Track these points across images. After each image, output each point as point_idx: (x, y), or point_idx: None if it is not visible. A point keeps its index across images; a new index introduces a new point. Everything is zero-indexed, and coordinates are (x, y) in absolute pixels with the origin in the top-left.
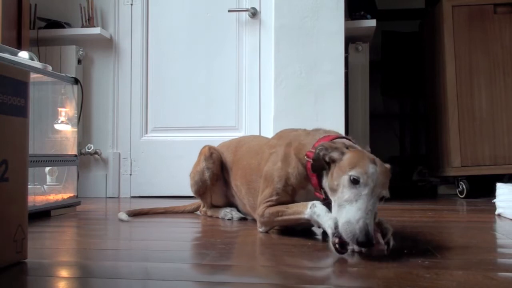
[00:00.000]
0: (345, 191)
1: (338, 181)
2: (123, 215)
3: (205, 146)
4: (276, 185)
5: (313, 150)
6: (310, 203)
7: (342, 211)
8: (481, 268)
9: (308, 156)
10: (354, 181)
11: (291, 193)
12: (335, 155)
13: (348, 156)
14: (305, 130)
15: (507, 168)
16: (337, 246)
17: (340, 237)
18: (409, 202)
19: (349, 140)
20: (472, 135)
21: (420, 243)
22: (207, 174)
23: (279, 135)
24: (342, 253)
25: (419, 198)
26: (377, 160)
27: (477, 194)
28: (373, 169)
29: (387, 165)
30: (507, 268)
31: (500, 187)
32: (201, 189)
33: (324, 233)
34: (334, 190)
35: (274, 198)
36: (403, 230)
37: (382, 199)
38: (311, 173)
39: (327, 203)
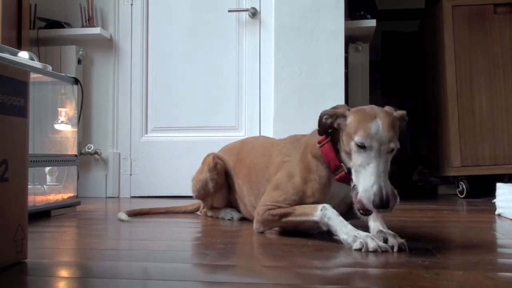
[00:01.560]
0: (355, 156)
1: (348, 147)
2: (123, 215)
3: (209, 155)
4: (291, 196)
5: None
6: (320, 206)
7: (358, 177)
8: (481, 268)
9: (319, 142)
10: (361, 146)
11: (310, 203)
12: (340, 121)
13: (350, 120)
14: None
15: (507, 168)
16: (361, 211)
17: (362, 203)
18: (409, 202)
19: None
20: (472, 135)
21: (420, 243)
22: (211, 185)
23: (291, 142)
24: (367, 215)
25: (419, 198)
26: (383, 113)
27: (477, 194)
28: (375, 128)
29: (396, 113)
30: (507, 268)
31: (500, 187)
32: (202, 196)
33: (327, 233)
34: (348, 155)
35: (282, 204)
36: (403, 230)
37: (392, 151)
38: (328, 155)
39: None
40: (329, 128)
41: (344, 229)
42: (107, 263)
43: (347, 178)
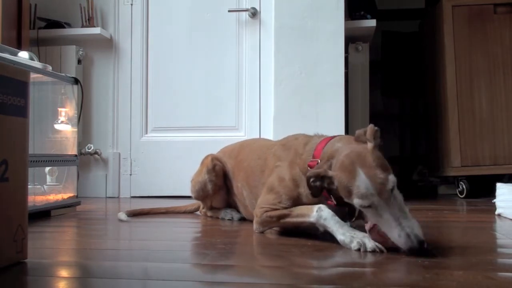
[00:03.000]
0: (366, 213)
1: (352, 201)
2: (122, 215)
3: (207, 157)
4: (284, 201)
5: (314, 160)
6: (316, 207)
7: (383, 227)
8: (481, 268)
9: (310, 167)
10: (365, 207)
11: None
12: (328, 183)
13: (337, 183)
14: (305, 137)
15: (507, 168)
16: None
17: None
18: (409, 202)
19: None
20: (472, 135)
21: None
22: (209, 186)
23: (283, 145)
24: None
25: (419, 198)
26: (360, 158)
27: (477, 194)
28: (362, 184)
29: (369, 141)
30: (507, 268)
31: (500, 187)
32: (201, 197)
33: (324, 234)
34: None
35: (277, 206)
36: None
37: (393, 189)
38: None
39: (339, 210)
40: (322, 190)
41: (340, 230)
42: (107, 263)
43: (339, 207)
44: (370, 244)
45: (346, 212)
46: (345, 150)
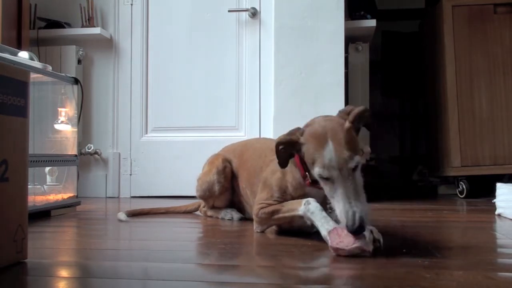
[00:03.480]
0: (323, 185)
1: (313, 175)
2: (122, 215)
3: (218, 157)
4: (274, 193)
5: None
6: (304, 200)
7: (333, 204)
8: (481, 268)
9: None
10: (323, 178)
11: (289, 199)
12: (297, 149)
13: (305, 149)
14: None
15: (507, 168)
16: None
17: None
18: (409, 202)
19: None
20: (472, 135)
21: (420, 243)
22: (216, 187)
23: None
24: (360, 238)
25: (419, 198)
26: (333, 130)
27: (477, 194)
28: (329, 156)
29: (349, 119)
30: (507, 268)
31: (500, 187)
32: (206, 196)
33: (315, 235)
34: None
35: (270, 202)
36: (403, 230)
37: (355, 168)
38: (298, 166)
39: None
40: (289, 158)
41: (325, 225)
42: (107, 263)
43: (314, 185)
44: None
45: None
46: (322, 121)
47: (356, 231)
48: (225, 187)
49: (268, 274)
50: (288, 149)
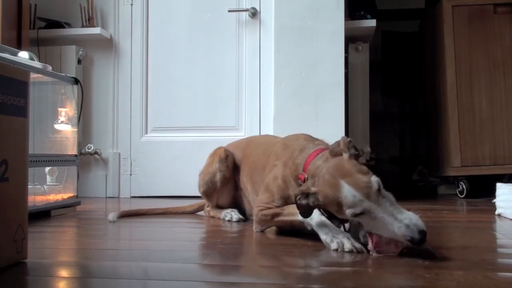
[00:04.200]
0: (364, 225)
1: (345, 213)
2: (111, 216)
3: (220, 148)
4: (276, 200)
5: (304, 173)
6: None
7: (384, 229)
8: (481, 268)
9: (300, 179)
10: (358, 216)
11: (291, 203)
12: (313, 200)
13: (322, 198)
14: (304, 140)
15: (507, 168)
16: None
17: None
18: (409, 202)
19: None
20: (472, 135)
21: None
22: (218, 177)
23: (283, 145)
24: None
25: (419, 198)
26: (338, 168)
27: (477, 194)
28: (349, 193)
29: (345, 151)
30: (507, 268)
31: (500, 187)
32: (210, 190)
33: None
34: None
35: (271, 205)
36: None
37: (380, 188)
38: None
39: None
40: (312, 209)
41: (325, 229)
42: (107, 263)
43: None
44: (347, 245)
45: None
46: (324, 166)
47: (420, 241)
48: (227, 178)
49: (269, 274)
50: (306, 200)
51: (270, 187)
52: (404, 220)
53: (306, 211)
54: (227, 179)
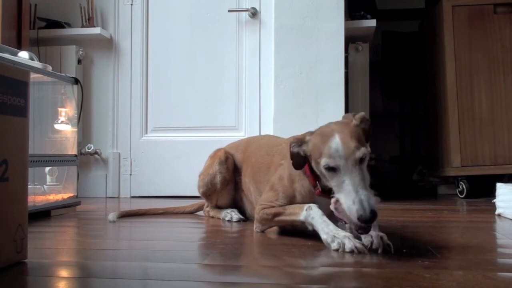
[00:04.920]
0: (329, 179)
1: (319, 171)
2: (111, 216)
3: (220, 149)
4: (280, 199)
5: None
6: (306, 206)
7: (340, 197)
8: (481, 268)
9: (306, 172)
10: (329, 169)
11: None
12: (305, 148)
13: (311, 146)
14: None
15: (507, 168)
16: (358, 231)
17: (355, 224)
18: (409, 202)
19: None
20: (472, 135)
21: (420, 243)
22: (218, 179)
23: (288, 144)
24: (365, 232)
25: (419, 198)
26: (339, 126)
27: (477, 194)
28: (334, 146)
29: (355, 119)
30: (507, 268)
31: (500, 187)
32: (209, 191)
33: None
34: (324, 177)
35: (274, 204)
36: (403, 230)
37: (362, 160)
38: (307, 174)
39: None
40: (302, 158)
41: (325, 229)
42: (107, 263)
43: (324, 195)
44: (349, 245)
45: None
46: (329, 123)
47: (368, 220)
48: (227, 179)
49: (270, 274)
50: (297, 148)
51: (275, 186)
52: (361, 195)
53: (297, 161)
54: (227, 181)
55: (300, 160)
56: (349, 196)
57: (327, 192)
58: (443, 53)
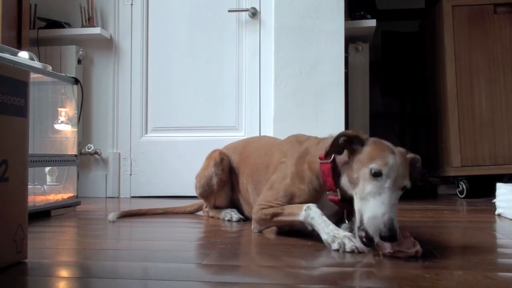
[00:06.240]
0: (366, 184)
1: (358, 174)
2: (111, 216)
3: (215, 151)
4: (280, 198)
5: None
6: (305, 206)
7: (366, 205)
8: (481, 268)
9: (321, 158)
10: (376, 174)
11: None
12: (356, 145)
13: (368, 148)
14: (316, 138)
15: (507, 168)
16: (364, 240)
17: (366, 231)
18: (409, 202)
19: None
20: (472, 135)
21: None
22: (214, 180)
23: (292, 142)
24: (369, 246)
25: (419, 198)
26: (398, 150)
27: (477, 194)
28: (393, 160)
29: (410, 155)
30: (507, 268)
31: (500, 187)
32: (206, 193)
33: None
34: (354, 184)
35: (273, 203)
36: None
37: (403, 188)
38: (326, 175)
39: (336, 212)
40: (342, 150)
41: (325, 229)
42: (107, 263)
43: (339, 203)
44: (349, 244)
45: (344, 215)
46: (383, 141)
47: (390, 238)
48: (223, 181)
49: (269, 274)
50: (347, 143)
51: (275, 185)
52: (388, 214)
53: (336, 150)
54: (223, 182)
55: (339, 148)
56: (381, 207)
57: (343, 201)
58: (443, 53)
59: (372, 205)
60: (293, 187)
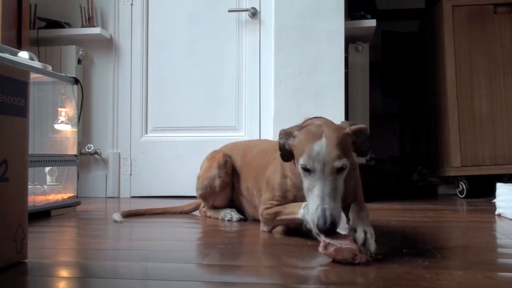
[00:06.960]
0: (303, 180)
1: (298, 169)
2: (117, 216)
3: (218, 152)
4: (276, 192)
5: None
6: (304, 203)
7: (308, 200)
8: (481, 268)
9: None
10: (305, 170)
11: (291, 198)
12: (291, 142)
13: (297, 141)
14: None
15: (507, 168)
16: (318, 235)
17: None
18: (409, 202)
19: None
20: (472, 135)
21: (420, 243)
22: (217, 182)
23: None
24: (327, 236)
25: (419, 198)
26: (330, 129)
27: (477, 194)
28: (317, 148)
29: (353, 127)
30: (507, 268)
31: (500, 187)
32: (207, 194)
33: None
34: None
35: (273, 202)
36: (403, 230)
37: (340, 170)
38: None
39: None
40: (288, 151)
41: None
42: (107, 263)
43: None
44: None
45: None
46: (322, 122)
47: (327, 230)
48: (226, 183)
49: (269, 274)
50: (284, 139)
51: (270, 181)
52: (325, 204)
53: (284, 153)
54: (226, 184)
55: (287, 153)
56: (315, 202)
57: None
58: (443, 53)
59: (309, 200)
60: (283, 180)
